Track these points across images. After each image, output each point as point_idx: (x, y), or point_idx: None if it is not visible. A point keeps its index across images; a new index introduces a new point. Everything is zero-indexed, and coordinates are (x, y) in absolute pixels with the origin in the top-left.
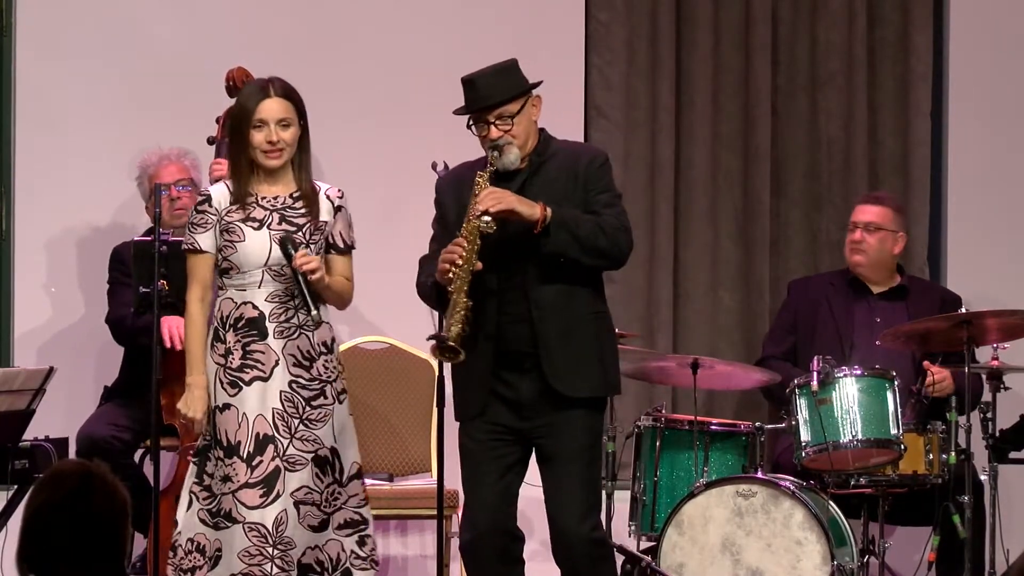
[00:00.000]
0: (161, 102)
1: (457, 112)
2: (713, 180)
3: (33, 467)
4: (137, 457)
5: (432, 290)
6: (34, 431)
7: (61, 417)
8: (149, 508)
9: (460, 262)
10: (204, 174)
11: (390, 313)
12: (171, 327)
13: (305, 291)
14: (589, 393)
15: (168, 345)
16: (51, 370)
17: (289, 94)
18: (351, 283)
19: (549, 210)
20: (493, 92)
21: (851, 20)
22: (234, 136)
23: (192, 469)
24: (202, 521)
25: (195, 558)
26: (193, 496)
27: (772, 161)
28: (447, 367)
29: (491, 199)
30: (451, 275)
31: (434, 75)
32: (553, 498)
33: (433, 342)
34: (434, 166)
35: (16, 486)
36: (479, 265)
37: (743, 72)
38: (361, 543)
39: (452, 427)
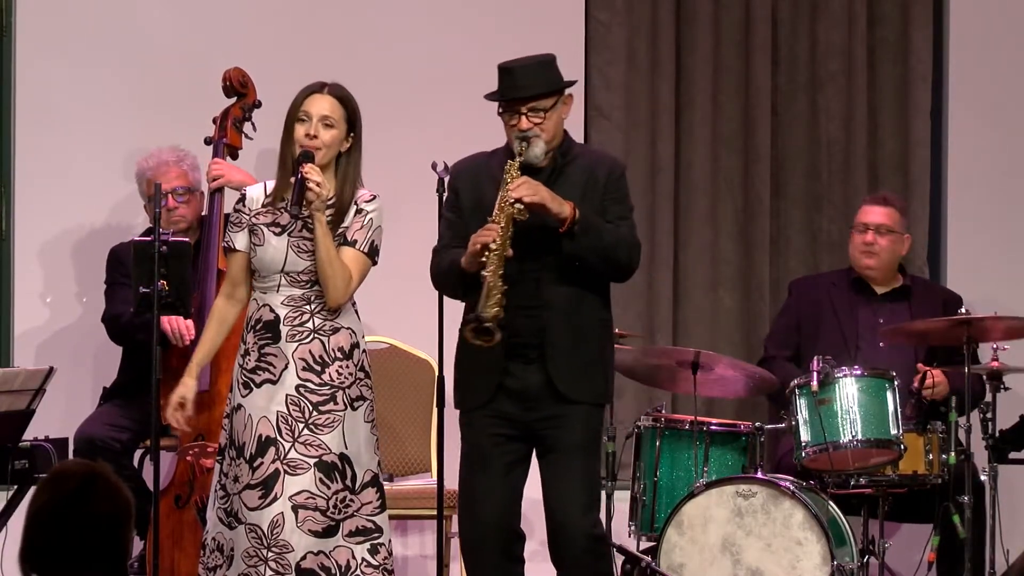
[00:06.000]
0: (160, 102)
1: (489, 97)
2: (713, 180)
3: (33, 467)
4: (136, 457)
5: (456, 274)
6: (34, 431)
7: (61, 417)
8: (146, 512)
9: (494, 246)
10: (203, 175)
11: (390, 313)
12: (172, 323)
13: (298, 191)
14: (590, 399)
15: (173, 341)
16: (51, 370)
17: (342, 97)
18: (351, 274)
19: (579, 211)
20: (530, 83)
21: (851, 20)
22: (284, 133)
23: (217, 468)
24: (220, 520)
25: (216, 557)
26: (215, 495)
27: (772, 161)
28: (447, 366)
29: (526, 188)
30: (484, 258)
31: (434, 75)
32: (553, 491)
33: (470, 324)
34: (434, 166)
35: (16, 486)
36: (510, 252)
37: (743, 72)
38: (374, 551)
39: (452, 427)
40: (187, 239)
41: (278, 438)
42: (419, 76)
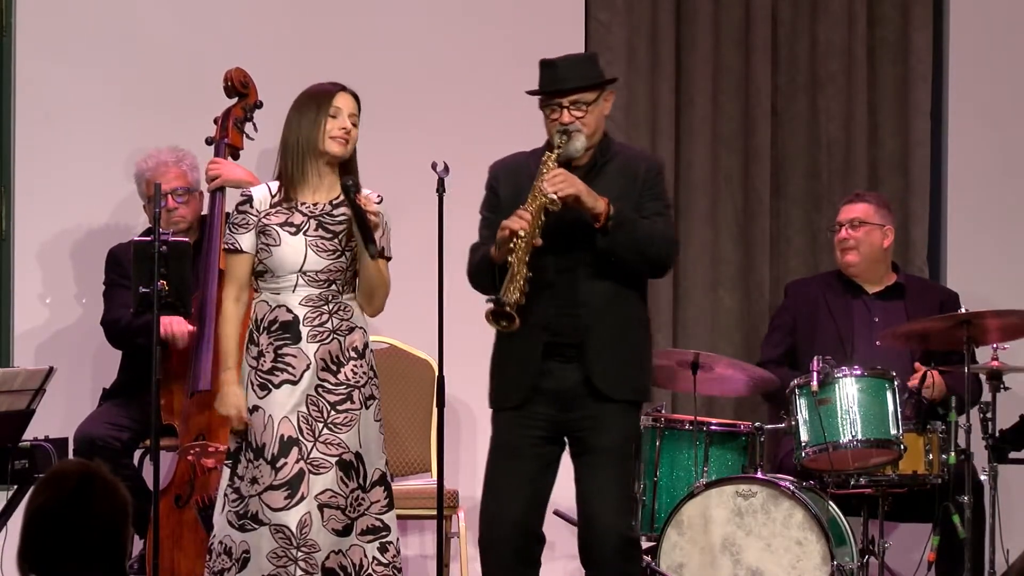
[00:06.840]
0: (161, 103)
1: (532, 92)
2: (713, 180)
3: (33, 467)
4: (136, 457)
5: (487, 266)
6: (34, 431)
7: (61, 417)
8: (145, 511)
9: (522, 233)
10: (203, 174)
11: (390, 313)
12: (169, 327)
13: (364, 228)
14: (629, 396)
15: (170, 343)
16: (51, 370)
17: (358, 99)
18: (389, 284)
19: (613, 208)
20: (573, 77)
21: (851, 20)
22: (302, 124)
23: (225, 472)
24: (229, 523)
25: (223, 560)
26: (225, 498)
27: (772, 161)
28: (447, 365)
29: (560, 179)
30: (512, 244)
31: (434, 75)
32: (589, 492)
33: (489, 306)
34: (434, 166)
35: (16, 486)
36: (539, 241)
37: (743, 72)
38: (383, 550)
39: (452, 427)
40: (187, 239)
41: (300, 438)
42: (419, 76)
